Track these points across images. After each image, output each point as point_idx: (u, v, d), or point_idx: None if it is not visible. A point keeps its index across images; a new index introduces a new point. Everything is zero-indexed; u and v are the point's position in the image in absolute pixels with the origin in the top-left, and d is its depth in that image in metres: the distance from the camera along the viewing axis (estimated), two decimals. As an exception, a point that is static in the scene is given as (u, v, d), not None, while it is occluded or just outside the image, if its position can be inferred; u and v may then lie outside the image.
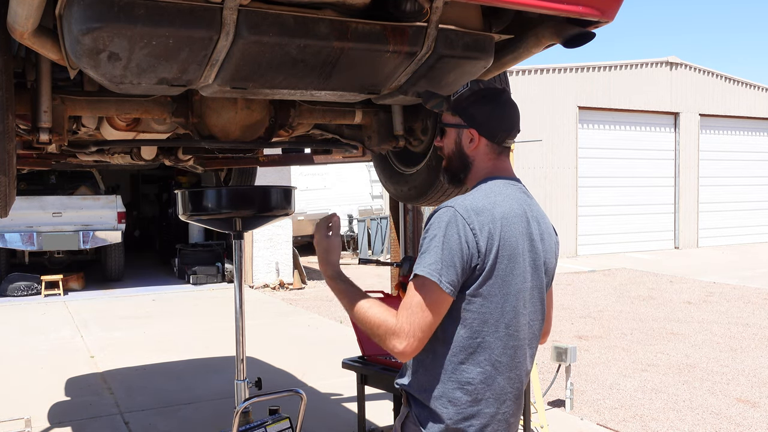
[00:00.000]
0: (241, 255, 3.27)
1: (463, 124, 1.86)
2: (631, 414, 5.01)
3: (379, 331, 1.72)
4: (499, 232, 1.71)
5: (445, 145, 1.92)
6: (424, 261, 1.68)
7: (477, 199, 1.75)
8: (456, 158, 1.90)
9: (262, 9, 1.84)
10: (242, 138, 2.69)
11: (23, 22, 1.74)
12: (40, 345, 7.40)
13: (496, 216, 1.73)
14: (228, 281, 11.87)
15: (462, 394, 1.73)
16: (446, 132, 1.91)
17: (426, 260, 1.68)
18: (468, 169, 1.89)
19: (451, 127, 1.89)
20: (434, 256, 1.67)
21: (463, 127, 1.86)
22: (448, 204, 1.73)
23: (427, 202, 3.35)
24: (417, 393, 1.78)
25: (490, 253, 1.70)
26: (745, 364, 6.38)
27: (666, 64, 16.82)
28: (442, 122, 1.93)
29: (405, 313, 1.68)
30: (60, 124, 2.34)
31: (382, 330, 1.71)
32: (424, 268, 1.67)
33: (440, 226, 1.69)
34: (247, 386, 3.16)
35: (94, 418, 5.02)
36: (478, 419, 1.74)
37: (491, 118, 1.86)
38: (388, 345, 1.71)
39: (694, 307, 9.38)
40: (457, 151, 1.88)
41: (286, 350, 7.00)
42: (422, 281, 1.67)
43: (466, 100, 1.87)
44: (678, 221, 17.16)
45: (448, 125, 1.90)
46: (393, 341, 1.69)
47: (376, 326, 1.72)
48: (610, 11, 2.09)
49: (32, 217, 10.42)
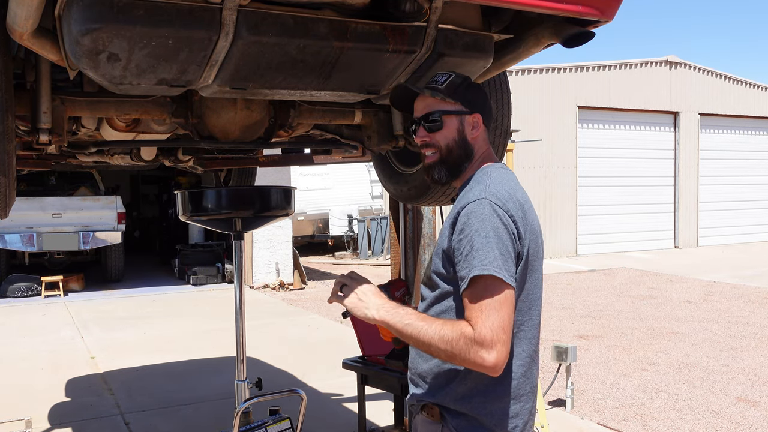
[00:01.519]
0: (241, 255, 3.27)
1: (465, 111, 1.77)
2: (632, 413, 5.01)
3: (458, 346, 1.53)
4: (524, 217, 1.66)
5: (442, 136, 1.78)
6: (480, 259, 1.55)
7: (499, 187, 1.66)
8: (458, 147, 1.77)
9: (262, 9, 1.84)
10: (242, 138, 2.69)
11: (22, 23, 1.74)
12: (40, 346, 7.40)
13: (520, 201, 1.68)
14: (228, 282, 11.87)
15: (504, 391, 1.64)
16: (444, 122, 1.77)
17: (481, 258, 1.55)
18: (471, 157, 1.79)
19: (452, 115, 1.77)
20: (490, 252, 1.55)
21: (465, 114, 1.77)
22: (478, 196, 1.63)
23: (427, 202, 3.35)
24: (454, 403, 1.67)
25: (525, 239, 1.65)
26: (746, 363, 6.38)
27: (665, 64, 16.82)
28: (435, 110, 1.78)
29: (480, 318, 1.52)
30: (60, 125, 2.34)
31: (461, 343, 1.52)
32: (485, 267, 1.54)
33: (482, 219, 1.59)
34: (247, 386, 3.16)
35: (95, 419, 5.02)
36: (521, 417, 1.68)
37: (487, 102, 1.83)
38: (473, 359, 1.52)
39: (695, 306, 9.38)
40: (460, 140, 1.77)
41: (287, 350, 7.00)
42: (484, 281, 1.54)
43: (462, 86, 1.78)
44: (678, 220, 17.16)
45: (447, 113, 1.77)
46: (479, 353, 1.51)
47: (453, 342, 1.53)
48: (610, 11, 2.09)
49: (32, 218, 10.42)
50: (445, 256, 1.68)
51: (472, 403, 1.65)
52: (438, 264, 1.71)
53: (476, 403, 1.65)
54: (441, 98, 1.76)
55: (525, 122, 14.22)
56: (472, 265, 1.55)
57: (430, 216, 5.75)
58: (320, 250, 16.76)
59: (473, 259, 1.56)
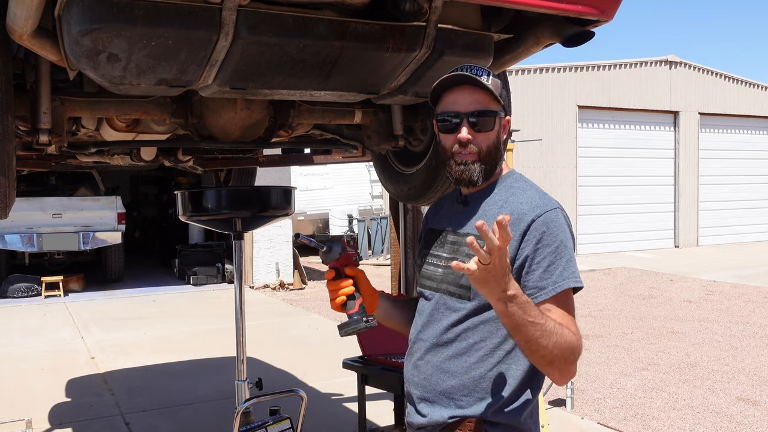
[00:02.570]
0: (241, 255, 3.27)
1: (503, 112, 1.69)
2: (632, 413, 5.01)
3: (575, 353, 1.54)
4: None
5: (485, 137, 1.66)
6: (572, 271, 1.57)
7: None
8: (495, 150, 1.68)
9: (262, 9, 1.84)
10: (242, 138, 2.69)
11: (22, 24, 1.74)
12: (40, 346, 7.40)
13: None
14: (228, 282, 11.87)
15: (535, 398, 1.65)
16: (490, 122, 1.66)
17: (572, 270, 1.57)
18: (501, 161, 1.73)
19: (497, 117, 1.67)
20: (575, 264, 1.59)
21: (502, 115, 1.70)
22: (554, 206, 1.62)
23: (427, 202, 3.35)
24: (498, 417, 1.61)
25: None
26: (746, 362, 6.37)
27: (665, 63, 16.82)
28: (488, 109, 1.65)
29: (573, 328, 1.55)
30: (59, 125, 2.34)
31: (577, 353, 1.54)
32: (578, 280, 1.58)
33: (564, 230, 1.60)
34: (247, 386, 3.16)
35: (95, 419, 5.02)
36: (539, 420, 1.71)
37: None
38: (575, 368, 1.55)
39: (695, 305, 9.38)
40: (497, 142, 1.68)
41: (287, 350, 7.00)
42: (571, 293, 1.59)
43: (502, 86, 1.68)
44: (678, 220, 17.16)
45: (494, 113, 1.66)
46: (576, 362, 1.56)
47: (573, 347, 1.53)
48: (610, 10, 2.09)
49: (32, 218, 10.42)
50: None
51: (512, 412, 1.62)
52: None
53: (513, 411, 1.62)
54: (492, 97, 1.65)
55: (525, 122, 14.24)
56: (564, 276, 1.56)
57: (430, 216, 5.75)
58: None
59: (564, 270, 1.56)
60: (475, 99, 1.64)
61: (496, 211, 1.63)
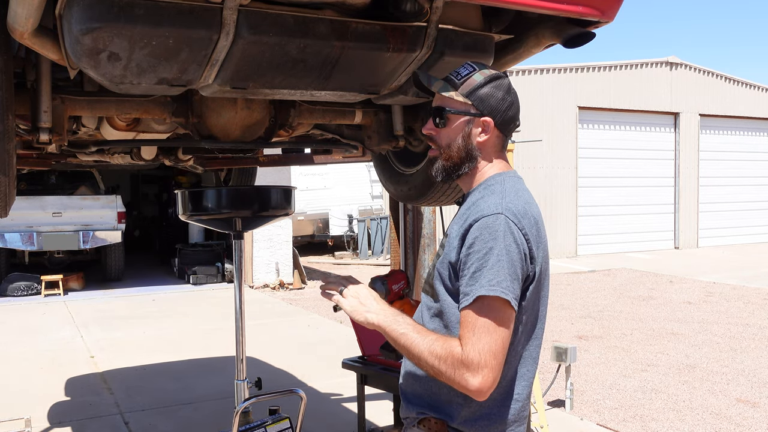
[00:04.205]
0: (241, 255, 3.27)
1: (475, 112, 1.62)
2: (631, 414, 5.01)
3: (445, 365, 1.47)
4: (538, 234, 1.57)
5: (445, 134, 1.65)
6: (489, 278, 1.46)
7: (515, 201, 1.56)
8: (459, 150, 1.64)
9: (262, 9, 1.85)
10: (242, 138, 2.69)
11: (23, 22, 1.74)
12: (40, 345, 7.40)
13: (534, 218, 1.58)
14: (228, 281, 11.87)
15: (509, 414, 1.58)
16: (449, 119, 1.64)
17: (488, 277, 1.46)
18: (472, 163, 1.65)
19: (459, 114, 1.63)
20: (499, 272, 1.46)
21: (475, 116, 1.62)
22: (494, 210, 1.52)
23: (427, 202, 3.35)
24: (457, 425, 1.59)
25: (537, 259, 1.56)
26: (745, 364, 6.37)
27: (666, 64, 16.82)
28: (444, 107, 1.65)
29: (471, 340, 1.45)
30: (60, 124, 2.34)
31: (449, 362, 1.47)
32: (493, 288, 1.45)
33: (495, 236, 1.48)
34: (247, 386, 3.16)
35: (94, 418, 5.02)
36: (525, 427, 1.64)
37: (505, 106, 1.64)
38: (457, 380, 1.47)
39: (694, 307, 9.37)
40: (463, 143, 1.63)
41: (286, 350, 7.00)
42: (488, 302, 1.46)
43: (481, 85, 1.62)
44: (678, 221, 17.16)
45: (455, 112, 1.63)
46: (464, 375, 1.45)
47: (441, 359, 1.48)
48: (610, 11, 2.10)
49: (32, 217, 10.42)
50: (451, 268, 1.57)
51: (477, 426, 1.57)
52: (444, 276, 1.60)
53: (480, 426, 1.57)
54: (453, 94, 1.62)
55: (525, 122, 14.18)
56: (480, 283, 1.47)
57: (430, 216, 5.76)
58: (320, 250, 16.77)
59: (482, 277, 1.47)
60: (441, 96, 1.66)
61: (466, 214, 1.60)
